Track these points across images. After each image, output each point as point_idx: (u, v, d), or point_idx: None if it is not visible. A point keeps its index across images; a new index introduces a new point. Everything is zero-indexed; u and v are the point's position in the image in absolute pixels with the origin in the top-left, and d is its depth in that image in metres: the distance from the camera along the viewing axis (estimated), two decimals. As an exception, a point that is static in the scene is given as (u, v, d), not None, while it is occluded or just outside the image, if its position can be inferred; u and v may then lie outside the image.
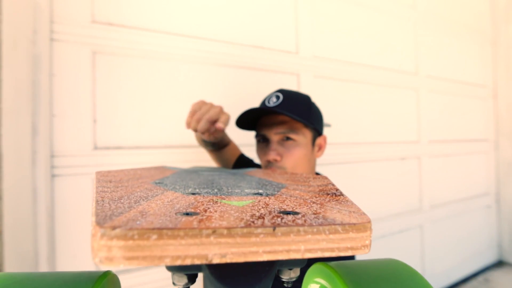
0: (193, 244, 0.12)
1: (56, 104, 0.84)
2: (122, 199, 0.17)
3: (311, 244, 0.14)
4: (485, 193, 2.05)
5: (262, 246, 0.13)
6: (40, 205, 0.80)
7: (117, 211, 0.15)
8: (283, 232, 0.13)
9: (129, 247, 0.12)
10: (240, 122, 0.63)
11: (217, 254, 0.13)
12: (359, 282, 0.17)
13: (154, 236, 0.12)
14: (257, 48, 1.17)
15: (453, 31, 1.87)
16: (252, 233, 0.13)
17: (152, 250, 0.12)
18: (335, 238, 0.14)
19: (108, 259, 0.12)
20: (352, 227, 0.14)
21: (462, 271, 1.85)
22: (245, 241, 0.13)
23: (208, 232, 0.13)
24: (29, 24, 0.77)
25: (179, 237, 0.12)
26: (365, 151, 1.46)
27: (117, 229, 0.12)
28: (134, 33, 0.94)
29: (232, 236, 0.13)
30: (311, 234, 0.14)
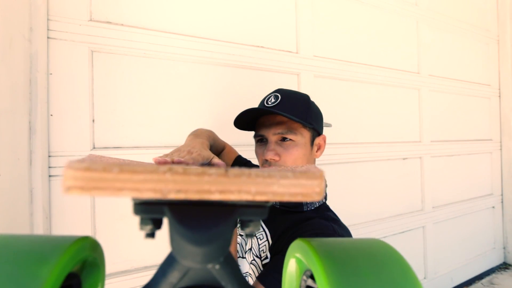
0: (150, 179, 0.13)
1: (53, 103, 0.84)
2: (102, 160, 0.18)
3: (261, 187, 0.14)
4: (489, 194, 2.02)
5: (215, 185, 0.14)
6: (37, 206, 0.79)
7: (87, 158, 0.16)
8: (235, 174, 0.14)
9: (93, 178, 0.13)
10: (238, 122, 0.62)
11: (172, 189, 0.13)
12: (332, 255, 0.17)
13: (116, 169, 0.13)
14: (257, 48, 1.16)
15: (456, 29, 1.85)
16: (205, 172, 0.14)
17: (113, 182, 0.13)
18: (286, 183, 0.14)
19: (74, 187, 0.13)
20: (303, 175, 0.15)
21: (466, 274, 1.83)
22: (199, 179, 0.14)
23: (165, 169, 0.14)
24: (25, 22, 0.76)
25: (137, 172, 0.13)
26: (366, 151, 1.44)
27: (83, 163, 0.13)
28: (133, 32, 0.93)
29: (187, 174, 0.14)
30: (262, 177, 0.14)
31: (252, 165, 0.83)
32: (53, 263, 0.15)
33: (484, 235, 1.97)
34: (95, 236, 0.89)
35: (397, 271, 0.17)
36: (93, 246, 0.20)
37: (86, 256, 0.19)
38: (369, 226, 1.43)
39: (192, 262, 0.16)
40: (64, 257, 0.16)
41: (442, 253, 1.73)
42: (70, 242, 0.17)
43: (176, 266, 0.19)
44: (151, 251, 0.96)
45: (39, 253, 0.15)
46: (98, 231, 0.89)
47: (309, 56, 1.29)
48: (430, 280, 1.65)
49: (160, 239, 1.03)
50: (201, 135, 0.64)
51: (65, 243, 0.17)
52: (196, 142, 0.54)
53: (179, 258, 0.17)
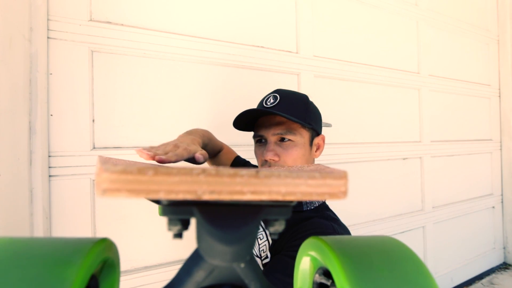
0: (185, 181, 0.14)
1: (53, 103, 0.84)
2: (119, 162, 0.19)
3: (291, 187, 0.15)
4: (489, 194, 2.02)
5: (246, 186, 0.14)
6: (37, 206, 0.79)
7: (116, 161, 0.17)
8: (265, 175, 0.15)
9: (129, 180, 0.13)
10: (237, 123, 0.62)
11: (206, 191, 0.14)
12: (348, 253, 0.17)
13: (151, 172, 0.14)
14: (257, 48, 1.16)
15: (456, 29, 1.85)
16: (237, 174, 0.14)
17: (148, 184, 0.13)
18: (313, 183, 0.15)
19: (110, 190, 0.13)
20: (330, 175, 0.15)
21: (466, 274, 1.83)
22: (232, 180, 0.14)
23: (198, 171, 0.14)
24: (25, 22, 0.76)
25: (172, 174, 0.14)
26: (366, 151, 1.44)
27: (118, 165, 0.14)
28: (133, 32, 0.93)
29: (220, 176, 0.14)
30: (291, 178, 0.15)
31: (251, 166, 0.83)
32: (78, 265, 0.15)
33: (484, 235, 1.97)
34: (95, 235, 0.89)
35: (411, 268, 0.17)
36: (111, 248, 0.20)
37: (106, 258, 0.19)
38: (369, 226, 1.43)
39: (220, 261, 0.17)
40: (88, 259, 0.16)
41: (442, 253, 1.73)
42: (92, 244, 0.17)
43: (202, 265, 0.20)
44: (151, 251, 0.96)
45: (63, 255, 0.16)
46: (98, 231, 0.89)
47: (309, 56, 1.29)
48: (430, 280, 1.65)
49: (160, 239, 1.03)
50: (194, 133, 0.64)
51: (87, 245, 0.17)
52: (186, 138, 0.53)
53: (207, 257, 0.17)
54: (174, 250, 0.99)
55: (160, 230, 0.97)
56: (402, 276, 0.16)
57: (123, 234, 0.92)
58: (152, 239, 0.96)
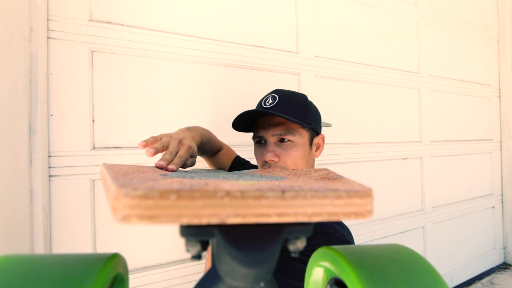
0: (209, 204, 0.13)
1: (53, 103, 0.84)
2: (133, 179, 0.18)
3: (317, 208, 0.14)
4: (489, 194, 2.02)
5: (272, 208, 0.14)
6: (37, 206, 0.79)
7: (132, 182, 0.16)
8: (291, 196, 0.14)
9: (150, 206, 0.13)
10: (236, 124, 0.62)
11: (230, 214, 0.13)
12: (363, 264, 0.17)
13: (173, 196, 0.13)
14: (257, 48, 1.16)
15: (456, 29, 1.85)
16: (263, 196, 0.14)
17: (171, 209, 0.13)
18: (340, 203, 0.15)
19: (130, 216, 0.12)
20: (356, 194, 0.15)
21: (466, 274, 1.83)
22: (257, 203, 0.14)
23: (222, 194, 0.13)
24: (25, 22, 0.76)
25: (195, 198, 0.13)
26: (366, 151, 1.44)
27: (139, 190, 0.13)
28: (133, 32, 0.93)
29: (245, 198, 0.14)
30: (317, 198, 0.14)
31: (250, 166, 0.83)
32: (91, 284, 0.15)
33: (484, 235, 1.97)
34: (95, 236, 0.89)
35: (427, 278, 0.17)
36: (122, 263, 0.20)
37: (117, 274, 0.19)
38: (369, 226, 1.43)
39: (242, 283, 0.16)
40: (101, 277, 0.16)
41: (442, 253, 1.73)
42: (104, 261, 0.17)
43: (221, 286, 0.19)
44: (151, 251, 0.96)
45: (76, 274, 0.16)
46: (98, 231, 0.89)
47: (309, 56, 1.29)
48: (430, 280, 1.65)
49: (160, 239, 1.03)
50: (195, 130, 0.64)
51: (99, 263, 0.17)
52: (187, 134, 0.54)
53: (228, 278, 0.16)
54: (174, 250, 0.99)
55: (160, 230, 0.97)
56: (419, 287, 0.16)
57: (123, 234, 0.92)
58: (152, 239, 0.96)
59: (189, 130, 0.60)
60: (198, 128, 0.68)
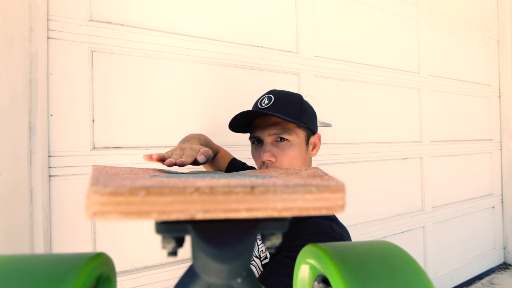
0: (178, 200, 0.13)
1: (53, 103, 0.84)
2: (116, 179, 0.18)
3: (287, 203, 0.14)
4: (489, 194, 2.02)
5: (241, 203, 0.14)
6: (37, 206, 0.79)
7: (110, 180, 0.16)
8: (261, 191, 0.14)
9: (119, 202, 0.13)
10: (233, 125, 0.62)
11: (199, 210, 0.13)
12: (346, 260, 0.17)
13: (142, 193, 0.13)
14: (257, 48, 1.16)
15: (456, 29, 1.85)
16: (232, 191, 0.14)
17: (140, 206, 0.13)
18: (310, 197, 0.15)
19: (100, 213, 0.13)
20: (326, 188, 0.15)
21: (466, 274, 1.83)
22: (226, 198, 0.14)
23: (192, 189, 0.13)
24: (25, 22, 0.76)
25: (164, 194, 0.13)
26: (366, 151, 1.44)
27: (108, 187, 0.13)
28: (133, 32, 0.93)
29: (214, 194, 0.14)
30: (287, 193, 0.14)
31: (247, 167, 0.84)
32: (72, 283, 0.15)
33: (484, 235, 1.97)
34: (95, 236, 0.89)
35: (411, 275, 0.17)
36: (107, 262, 0.20)
37: (101, 273, 0.19)
38: (369, 226, 1.43)
39: (216, 279, 0.16)
40: (81, 276, 0.16)
41: (442, 253, 1.73)
42: (86, 260, 0.17)
43: (198, 282, 0.19)
44: (151, 251, 0.96)
45: (57, 273, 0.16)
46: (98, 231, 0.89)
47: (309, 56, 1.29)
48: (430, 280, 1.65)
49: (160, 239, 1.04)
50: (191, 138, 0.65)
51: (81, 262, 0.17)
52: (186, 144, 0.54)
53: (203, 275, 0.17)
54: (174, 250, 0.99)
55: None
56: (401, 284, 0.16)
57: (123, 234, 0.92)
58: (152, 239, 0.96)
59: (186, 141, 0.61)
60: (192, 135, 0.69)
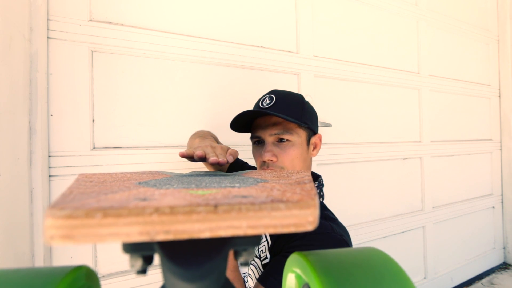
0: (136, 222, 0.13)
1: (53, 103, 0.84)
2: (92, 193, 0.17)
3: (253, 220, 0.14)
4: (489, 194, 2.02)
5: (204, 223, 0.13)
6: (37, 206, 0.79)
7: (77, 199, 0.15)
8: (224, 210, 0.14)
9: (75, 225, 0.12)
10: (234, 125, 0.62)
11: (160, 231, 0.13)
12: (329, 269, 0.17)
13: (99, 215, 0.12)
14: (257, 48, 1.16)
15: (456, 29, 1.85)
16: (193, 211, 0.13)
17: (97, 228, 0.12)
18: (278, 215, 0.14)
19: (56, 236, 0.12)
20: (295, 205, 0.14)
21: (466, 274, 1.83)
22: (187, 218, 0.13)
23: (151, 210, 0.13)
24: (25, 22, 0.76)
25: (122, 216, 0.13)
26: (366, 151, 1.44)
27: (64, 210, 0.12)
28: (133, 32, 0.93)
29: (174, 214, 0.13)
30: (253, 211, 0.14)
31: (248, 167, 0.84)
32: None
33: (484, 235, 1.97)
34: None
35: (395, 283, 0.17)
36: (88, 275, 0.20)
37: (81, 286, 0.19)
38: (369, 226, 1.43)
39: None
40: None
41: (442, 253, 1.73)
42: (64, 274, 0.17)
43: None
44: (151, 251, 0.96)
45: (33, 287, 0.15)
46: (98, 231, 0.89)
47: (309, 56, 1.29)
48: (430, 280, 1.65)
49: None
50: (205, 135, 0.65)
51: (59, 275, 0.17)
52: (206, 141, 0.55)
53: None
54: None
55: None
56: None
57: (123, 234, 0.92)
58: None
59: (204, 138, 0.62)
60: (204, 132, 0.69)
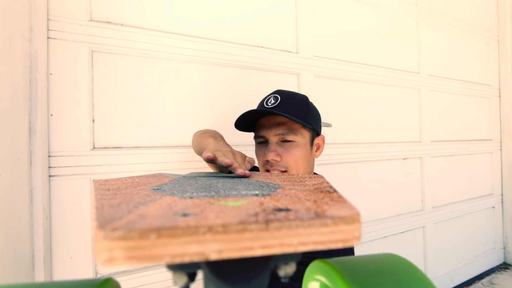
0: (191, 242, 0.13)
1: (53, 103, 0.84)
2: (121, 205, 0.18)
3: (303, 237, 0.14)
4: (489, 194, 2.02)
5: (256, 241, 0.13)
6: (37, 206, 0.79)
7: (117, 215, 0.15)
8: (276, 227, 0.14)
9: (130, 247, 0.12)
10: (239, 124, 0.62)
11: (214, 250, 0.13)
12: (357, 278, 0.17)
13: (154, 236, 0.12)
14: (257, 48, 1.16)
15: (456, 29, 1.85)
16: (246, 229, 0.13)
17: (152, 249, 0.12)
18: (326, 231, 0.14)
19: (110, 260, 0.12)
20: (342, 220, 0.15)
21: (466, 274, 1.83)
22: (240, 237, 0.13)
23: (205, 229, 0.13)
24: (25, 22, 0.76)
25: (177, 235, 0.13)
26: (366, 151, 1.44)
27: (117, 231, 0.12)
28: (133, 32, 0.93)
29: (228, 233, 0.13)
30: (303, 228, 0.14)
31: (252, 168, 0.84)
32: None
33: (484, 235, 1.97)
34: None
35: None
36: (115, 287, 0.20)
37: None
38: (369, 226, 1.43)
39: None
40: None
41: (442, 253, 1.73)
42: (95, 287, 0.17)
43: None
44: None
45: None
46: (98, 231, 0.89)
47: (309, 56, 1.29)
48: (430, 280, 1.65)
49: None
50: (217, 136, 0.64)
51: None
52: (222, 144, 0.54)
53: None
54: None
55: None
56: None
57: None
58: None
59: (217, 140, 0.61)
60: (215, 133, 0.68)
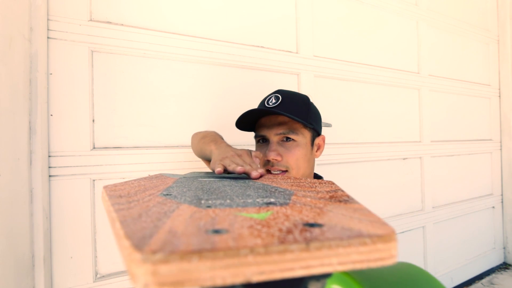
0: (232, 264, 0.13)
1: (53, 103, 0.84)
2: (142, 217, 0.18)
3: (343, 257, 0.14)
4: (489, 194, 2.02)
5: (297, 262, 0.14)
6: (37, 206, 0.79)
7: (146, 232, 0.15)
8: (316, 247, 0.14)
9: (171, 271, 0.12)
10: (240, 123, 0.62)
11: (255, 272, 0.13)
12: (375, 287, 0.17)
13: (195, 259, 0.12)
14: (257, 48, 1.16)
15: (456, 29, 1.85)
16: (287, 250, 0.13)
17: (194, 272, 0.12)
18: (365, 250, 0.14)
19: (151, 284, 0.12)
20: (380, 239, 0.15)
21: (466, 274, 1.83)
22: (282, 258, 0.13)
23: (246, 251, 0.13)
24: (25, 22, 0.76)
25: (218, 258, 0.13)
26: (366, 151, 1.44)
27: (158, 254, 0.12)
28: (133, 32, 0.93)
29: (269, 254, 0.13)
30: (342, 247, 0.14)
31: None
32: None
33: (484, 235, 1.97)
34: (95, 236, 0.89)
35: None
36: None
37: None
38: (369, 226, 1.43)
39: None
40: None
41: (442, 253, 1.73)
42: None
43: None
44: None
45: None
46: (98, 231, 0.89)
47: (309, 56, 1.29)
48: (430, 280, 1.65)
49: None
50: (217, 138, 0.65)
51: None
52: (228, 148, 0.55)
53: None
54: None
55: None
56: None
57: (123, 234, 0.92)
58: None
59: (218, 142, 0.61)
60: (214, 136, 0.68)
